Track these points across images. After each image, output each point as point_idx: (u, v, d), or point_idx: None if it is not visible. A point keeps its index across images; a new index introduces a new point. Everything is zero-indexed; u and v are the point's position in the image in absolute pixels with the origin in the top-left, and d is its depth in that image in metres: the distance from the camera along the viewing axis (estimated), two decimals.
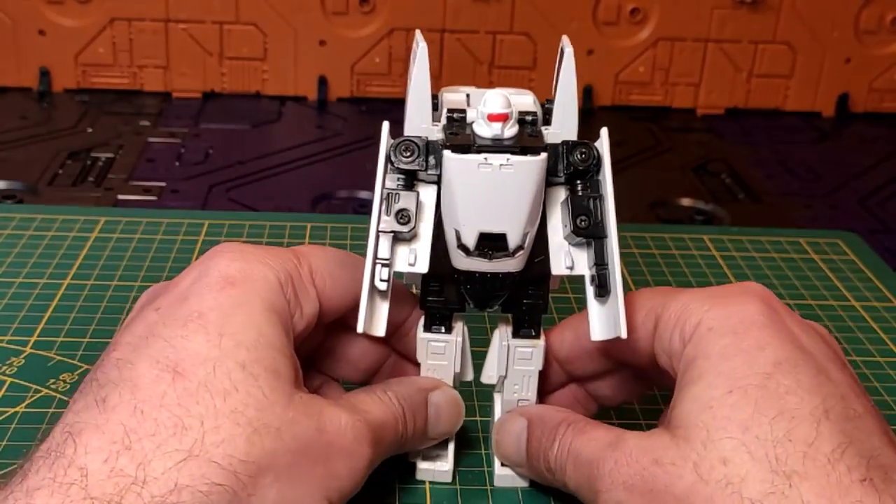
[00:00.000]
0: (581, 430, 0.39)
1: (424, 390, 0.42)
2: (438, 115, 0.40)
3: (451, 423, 0.43)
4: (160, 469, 0.33)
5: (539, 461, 0.41)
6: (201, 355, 0.35)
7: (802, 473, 0.33)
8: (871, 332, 0.58)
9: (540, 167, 0.37)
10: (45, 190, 0.74)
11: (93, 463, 0.32)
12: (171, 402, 0.34)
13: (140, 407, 0.34)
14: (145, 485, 0.32)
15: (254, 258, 0.39)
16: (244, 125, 0.89)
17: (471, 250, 0.39)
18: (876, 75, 0.97)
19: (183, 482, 0.33)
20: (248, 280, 0.38)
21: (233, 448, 0.34)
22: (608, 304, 0.39)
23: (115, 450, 0.33)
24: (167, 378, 0.35)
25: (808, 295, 0.62)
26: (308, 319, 0.40)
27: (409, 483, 0.44)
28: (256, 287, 0.38)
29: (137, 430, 0.33)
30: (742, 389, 0.35)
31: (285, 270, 0.39)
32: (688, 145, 0.90)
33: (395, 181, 0.39)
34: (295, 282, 0.39)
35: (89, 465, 0.32)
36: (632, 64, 0.95)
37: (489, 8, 0.91)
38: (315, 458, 0.36)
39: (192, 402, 0.34)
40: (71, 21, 0.90)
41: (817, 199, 0.80)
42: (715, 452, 0.34)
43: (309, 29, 0.92)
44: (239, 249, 0.39)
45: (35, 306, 0.56)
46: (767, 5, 0.93)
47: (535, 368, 0.43)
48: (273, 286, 0.38)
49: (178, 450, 0.33)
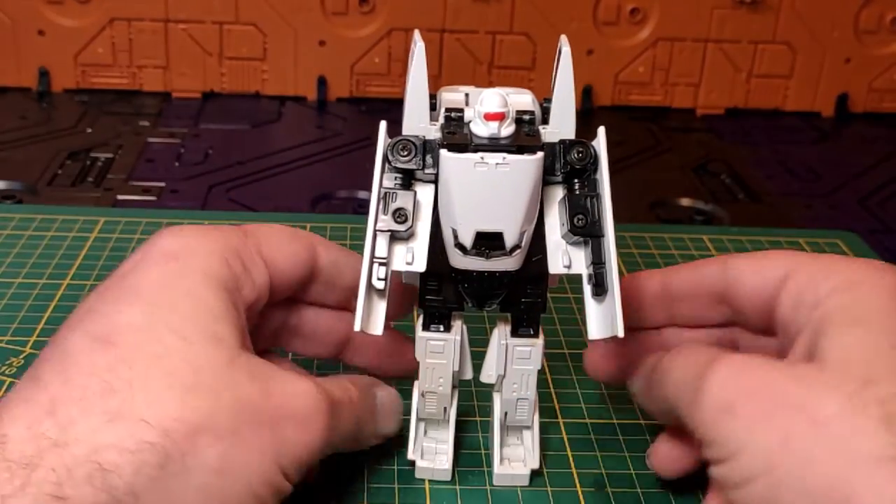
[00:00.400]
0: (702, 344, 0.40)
1: (372, 384, 0.43)
2: (437, 114, 0.40)
3: (393, 420, 0.44)
4: (85, 430, 0.32)
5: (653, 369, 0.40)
6: (134, 325, 0.35)
7: None
8: None
9: (536, 166, 0.37)
10: (45, 190, 0.74)
11: (14, 430, 0.32)
12: (100, 369, 0.34)
13: (69, 376, 0.34)
14: (67, 446, 0.32)
15: (195, 233, 0.39)
16: (244, 125, 0.89)
17: (468, 249, 0.39)
18: (876, 75, 0.97)
19: (109, 441, 0.32)
20: (188, 253, 0.38)
21: (163, 408, 0.34)
22: (605, 303, 0.39)
23: (38, 416, 0.33)
24: (98, 348, 0.35)
25: None
26: (260, 290, 0.40)
27: (409, 483, 0.44)
28: (197, 259, 0.38)
29: (63, 397, 0.33)
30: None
31: (229, 243, 0.39)
32: (687, 145, 0.90)
33: (393, 180, 0.40)
34: (242, 254, 0.40)
35: (10, 432, 0.32)
36: (631, 64, 0.95)
37: (489, 8, 0.91)
38: (261, 421, 0.36)
39: (122, 368, 0.34)
40: (70, 21, 0.90)
41: (817, 199, 0.79)
42: (874, 391, 0.33)
43: (309, 29, 0.92)
44: (181, 228, 0.40)
45: (35, 306, 0.56)
46: (767, 5, 0.93)
47: (533, 367, 0.43)
48: (215, 257, 0.38)
49: (106, 411, 0.33)
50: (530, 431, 0.45)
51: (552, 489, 0.44)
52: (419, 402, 0.44)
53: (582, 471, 0.46)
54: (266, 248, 0.41)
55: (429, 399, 0.44)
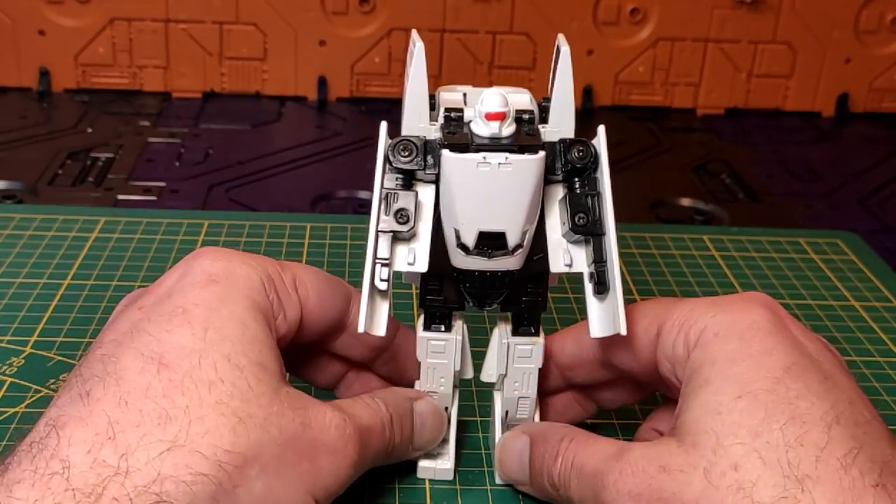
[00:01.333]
0: (584, 443, 0.39)
1: (409, 399, 0.43)
2: (435, 114, 0.40)
3: (436, 433, 0.43)
4: (143, 459, 0.33)
5: (543, 477, 0.41)
6: (186, 348, 0.35)
7: (815, 478, 0.33)
8: (870, 332, 0.58)
9: (538, 165, 0.37)
10: (45, 190, 0.74)
11: (75, 454, 0.32)
12: (155, 394, 0.34)
13: (124, 398, 0.34)
14: (128, 475, 0.32)
15: (236, 259, 0.39)
16: (244, 125, 0.89)
17: (470, 249, 0.39)
18: (876, 75, 0.97)
19: (166, 472, 0.33)
20: (230, 278, 0.38)
21: (217, 438, 0.34)
22: (607, 302, 0.39)
23: (98, 441, 0.33)
24: (152, 370, 0.35)
25: (807, 295, 0.62)
26: (290, 324, 0.40)
27: (409, 483, 0.44)
28: (239, 284, 0.38)
29: (121, 421, 0.33)
30: (751, 394, 0.35)
31: (267, 273, 0.39)
32: (688, 145, 0.90)
33: (394, 181, 0.39)
34: (277, 285, 0.40)
35: (72, 456, 0.32)
36: (632, 64, 0.95)
37: (489, 8, 0.91)
38: (301, 452, 0.36)
39: (177, 393, 0.34)
40: (71, 21, 0.90)
41: (817, 199, 0.79)
42: (726, 458, 0.34)
43: (309, 29, 0.92)
44: (222, 250, 0.40)
45: (35, 306, 0.56)
46: (767, 5, 0.93)
47: (534, 366, 0.43)
48: (255, 285, 0.39)
49: (163, 440, 0.33)
50: None
51: None
52: None
53: None
54: (301, 285, 0.41)
55: None
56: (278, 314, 0.39)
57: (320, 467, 0.37)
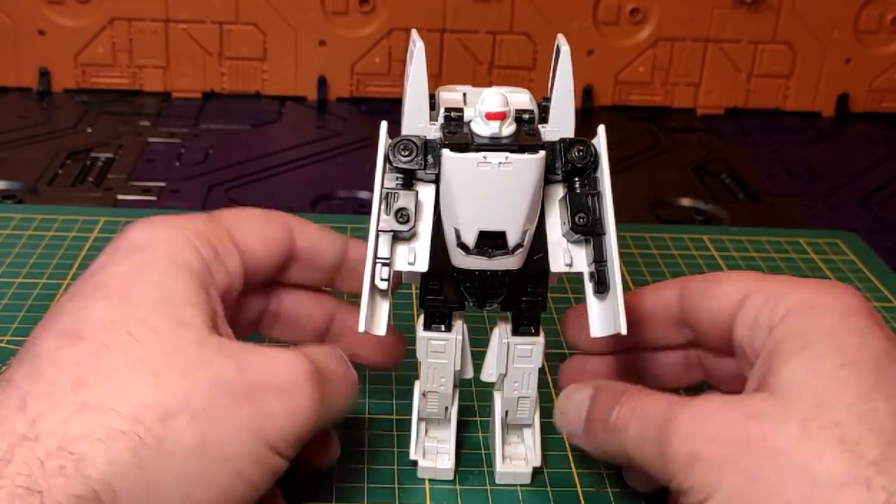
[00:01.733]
0: (647, 392, 0.39)
1: None
2: (435, 114, 0.40)
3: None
4: (54, 423, 0.32)
5: (598, 424, 0.40)
6: (101, 319, 0.35)
7: None
8: None
9: (538, 165, 0.38)
10: (45, 190, 0.74)
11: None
12: (68, 363, 0.34)
13: (37, 372, 0.34)
14: (38, 440, 0.32)
15: (162, 224, 0.39)
16: (244, 125, 0.89)
17: (470, 249, 0.39)
18: (876, 75, 0.97)
19: (77, 431, 0.32)
20: (154, 244, 0.38)
21: (133, 395, 0.33)
22: (607, 301, 0.39)
23: (8, 414, 0.33)
24: (65, 344, 0.35)
25: None
26: (233, 276, 0.40)
27: (409, 483, 0.44)
28: (163, 248, 0.38)
29: (32, 392, 0.33)
30: (855, 365, 0.35)
31: (197, 230, 0.39)
32: (688, 145, 0.90)
33: (394, 180, 0.40)
34: (212, 240, 0.40)
35: None
36: (632, 64, 0.95)
37: (489, 8, 0.91)
38: (237, 397, 0.35)
39: (90, 361, 0.34)
40: (71, 21, 0.90)
41: (817, 199, 0.79)
42: (828, 413, 0.34)
43: (309, 29, 0.92)
44: (148, 220, 0.40)
45: (35, 306, 0.56)
46: (767, 5, 0.93)
47: (534, 366, 0.43)
48: (181, 245, 0.38)
49: (74, 403, 0.33)
50: (531, 429, 0.45)
51: (552, 489, 0.44)
52: (420, 402, 0.44)
53: (582, 471, 0.46)
54: (238, 233, 0.41)
55: (430, 399, 0.44)
56: (217, 270, 0.39)
57: (268, 411, 0.35)
